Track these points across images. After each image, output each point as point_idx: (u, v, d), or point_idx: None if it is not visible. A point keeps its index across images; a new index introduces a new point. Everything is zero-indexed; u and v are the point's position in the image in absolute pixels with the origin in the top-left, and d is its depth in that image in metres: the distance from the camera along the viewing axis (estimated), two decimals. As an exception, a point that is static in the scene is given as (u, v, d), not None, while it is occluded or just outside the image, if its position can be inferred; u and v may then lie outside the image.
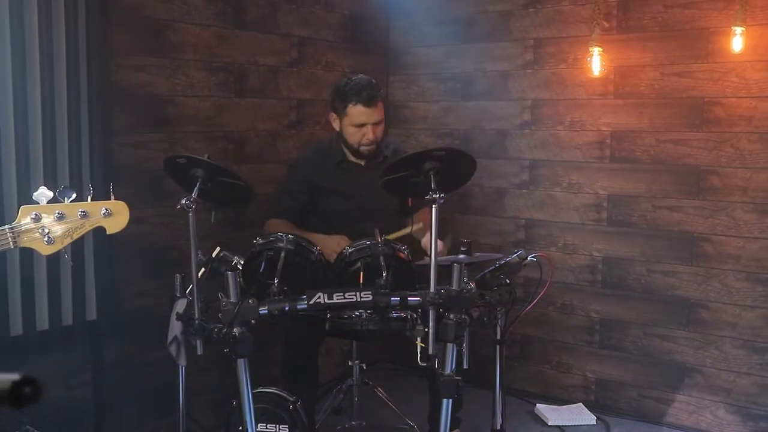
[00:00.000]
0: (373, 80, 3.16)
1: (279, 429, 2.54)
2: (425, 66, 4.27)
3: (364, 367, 3.48)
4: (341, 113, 3.12)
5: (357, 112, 3.07)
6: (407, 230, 3.02)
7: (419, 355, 2.54)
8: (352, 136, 3.12)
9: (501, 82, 4.01)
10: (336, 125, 3.17)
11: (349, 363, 3.45)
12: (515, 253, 2.83)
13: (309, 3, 3.83)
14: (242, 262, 2.57)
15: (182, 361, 2.54)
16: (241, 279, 2.52)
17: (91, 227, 1.92)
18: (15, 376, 0.65)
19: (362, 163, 3.23)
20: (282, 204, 3.22)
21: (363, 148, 3.15)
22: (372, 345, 3.75)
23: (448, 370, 2.49)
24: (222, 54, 3.39)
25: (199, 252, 2.45)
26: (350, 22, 4.09)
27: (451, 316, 2.45)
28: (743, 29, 3.19)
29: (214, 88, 3.38)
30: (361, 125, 3.09)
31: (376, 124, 3.11)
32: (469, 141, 4.12)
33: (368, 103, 3.05)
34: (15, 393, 0.65)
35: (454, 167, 2.51)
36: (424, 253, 2.95)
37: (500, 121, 4.04)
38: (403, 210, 3.23)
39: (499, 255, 2.91)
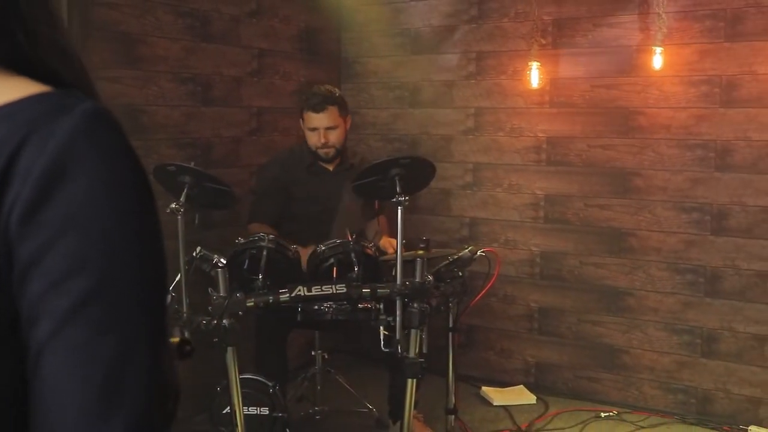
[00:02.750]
0: (332, 90, 3.47)
1: (260, 411, 2.80)
2: (375, 75, 4.56)
3: (326, 357, 3.77)
4: (301, 119, 3.44)
5: (309, 117, 3.39)
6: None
7: (382, 342, 2.86)
8: (309, 139, 3.43)
9: (446, 91, 4.34)
10: (303, 131, 3.48)
11: (312, 353, 3.72)
12: (467, 248, 3.16)
13: (268, 16, 4.08)
14: (222, 260, 2.82)
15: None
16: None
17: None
18: (176, 338, 0.91)
19: (330, 168, 3.51)
20: (260, 208, 3.47)
21: (319, 151, 3.44)
22: (331, 335, 4.02)
23: (412, 354, 2.81)
24: (190, 66, 3.61)
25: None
26: (305, 34, 4.35)
27: (415, 305, 2.76)
28: (662, 48, 3.59)
29: (183, 97, 3.60)
30: (314, 129, 3.39)
31: (328, 128, 3.40)
32: (417, 146, 4.44)
33: (316, 109, 3.37)
34: (179, 350, 0.90)
35: (416, 173, 2.82)
36: (382, 252, 3.28)
37: (446, 127, 4.36)
38: (367, 214, 3.55)
39: (453, 250, 3.23)
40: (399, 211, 2.72)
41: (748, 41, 3.54)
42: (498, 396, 4.01)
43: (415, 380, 2.80)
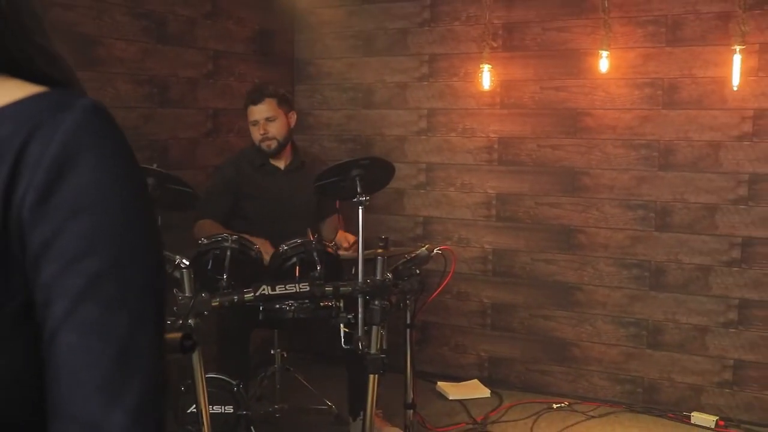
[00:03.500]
0: (267, 84, 3.59)
1: (225, 409, 2.84)
2: (328, 77, 4.62)
3: (285, 355, 3.82)
4: (246, 118, 3.52)
5: (250, 111, 3.50)
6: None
7: (343, 339, 2.92)
8: (253, 134, 3.54)
9: (399, 93, 4.42)
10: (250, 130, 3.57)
11: (272, 351, 3.76)
12: (423, 246, 3.25)
13: (223, 18, 4.10)
14: (185, 261, 2.85)
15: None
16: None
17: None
18: (179, 334, 0.96)
19: (281, 167, 3.57)
20: (209, 205, 3.50)
21: (261, 145, 3.51)
22: (290, 334, 4.07)
23: (373, 350, 2.88)
24: (147, 67, 3.61)
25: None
26: (260, 36, 4.38)
27: (376, 302, 2.83)
28: (608, 52, 3.74)
29: (140, 99, 3.60)
30: (255, 122, 3.47)
31: (267, 119, 3.47)
32: (371, 146, 4.51)
33: (254, 101, 3.47)
34: (182, 344, 0.96)
35: (376, 173, 2.89)
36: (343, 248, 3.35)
37: (399, 128, 4.45)
38: (322, 212, 3.62)
39: (411, 249, 3.31)
40: (360, 210, 2.79)
41: (688, 46, 3.71)
42: (453, 390, 4.10)
43: (376, 376, 2.87)
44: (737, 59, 3.48)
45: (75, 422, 0.66)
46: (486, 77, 4.01)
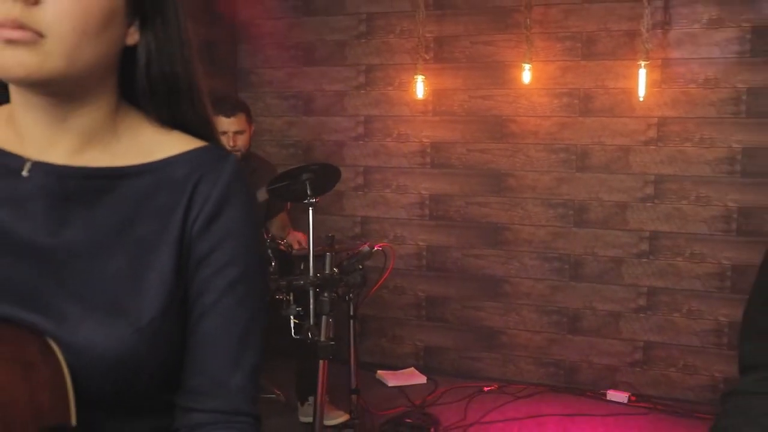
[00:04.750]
0: (239, 99, 3.78)
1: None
2: (270, 85, 4.86)
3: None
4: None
5: (220, 121, 3.69)
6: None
7: (293, 329, 3.20)
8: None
9: (338, 101, 4.70)
10: None
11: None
12: (366, 243, 3.54)
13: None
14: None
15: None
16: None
17: None
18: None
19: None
20: None
21: None
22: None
23: (323, 338, 3.15)
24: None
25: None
26: (204, 46, 4.59)
27: (325, 294, 3.11)
28: (530, 65, 4.11)
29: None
30: (224, 132, 3.69)
31: (236, 132, 3.70)
32: (311, 151, 4.78)
33: (227, 114, 3.68)
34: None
35: (324, 177, 3.17)
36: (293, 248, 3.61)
37: (338, 134, 4.73)
38: (270, 212, 3.87)
39: (354, 245, 3.60)
40: (310, 211, 3.06)
41: (600, 60, 4.11)
42: (392, 378, 4.40)
43: (326, 361, 3.15)
44: (642, 73, 3.90)
45: (209, 379, 0.97)
46: (420, 87, 4.33)
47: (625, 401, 4.04)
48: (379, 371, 4.49)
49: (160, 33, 0.98)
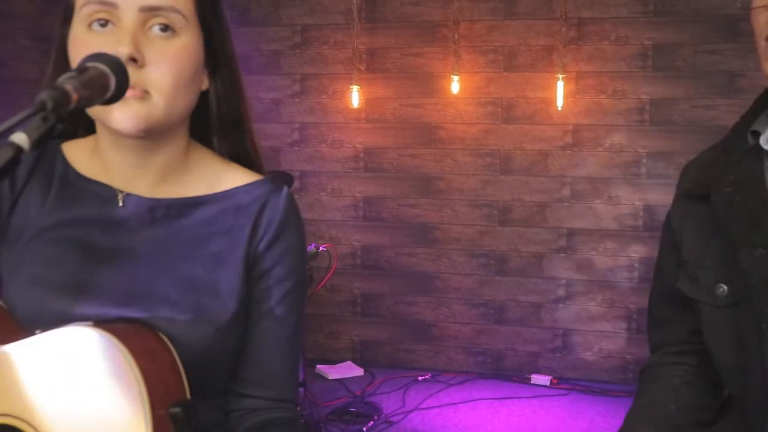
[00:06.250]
0: None
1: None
2: (206, 92, 4.99)
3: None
4: None
5: None
6: None
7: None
8: None
9: (274, 108, 4.90)
10: None
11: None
12: (311, 245, 3.77)
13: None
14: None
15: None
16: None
17: None
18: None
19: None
20: None
21: None
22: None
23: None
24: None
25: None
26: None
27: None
28: (458, 76, 4.43)
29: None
30: None
31: None
32: (248, 156, 4.94)
33: None
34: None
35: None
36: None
37: (274, 140, 4.92)
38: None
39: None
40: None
41: (521, 72, 4.47)
42: (331, 371, 4.64)
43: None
44: (560, 84, 4.28)
45: (263, 371, 1.19)
46: (355, 96, 4.58)
47: (548, 384, 4.42)
48: (318, 366, 4.72)
49: (226, 79, 1.21)
